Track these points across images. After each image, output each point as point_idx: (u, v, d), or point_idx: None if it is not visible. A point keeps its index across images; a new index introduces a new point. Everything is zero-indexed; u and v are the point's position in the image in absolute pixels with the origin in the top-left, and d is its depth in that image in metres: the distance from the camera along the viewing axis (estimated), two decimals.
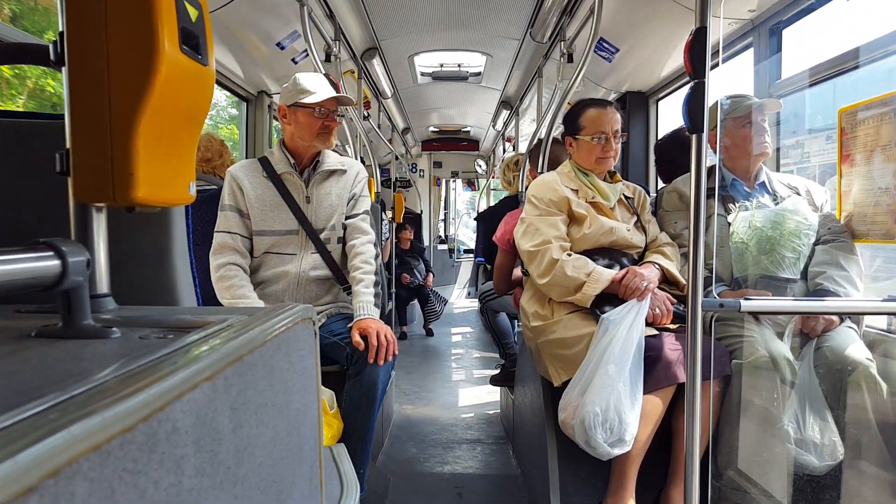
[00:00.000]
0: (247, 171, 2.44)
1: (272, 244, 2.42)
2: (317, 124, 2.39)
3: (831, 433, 1.92)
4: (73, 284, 0.66)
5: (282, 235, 2.42)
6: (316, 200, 2.47)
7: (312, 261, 2.46)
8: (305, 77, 2.43)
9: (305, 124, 2.39)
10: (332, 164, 2.51)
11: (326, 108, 2.40)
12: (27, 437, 0.34)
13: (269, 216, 2.41)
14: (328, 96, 2.37)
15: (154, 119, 0.68)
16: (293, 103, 2.39)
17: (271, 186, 2.42)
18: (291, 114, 2.41)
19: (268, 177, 2.43)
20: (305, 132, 2.40)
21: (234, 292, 2.28)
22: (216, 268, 2.32)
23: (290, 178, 2.44)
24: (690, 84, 1.51)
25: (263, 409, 0.67)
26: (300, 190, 2.45)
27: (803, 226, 2.11)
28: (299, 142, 2.43)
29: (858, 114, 1.97)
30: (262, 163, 2.46)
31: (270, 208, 2.41)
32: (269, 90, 4.57)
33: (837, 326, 2.04)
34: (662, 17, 3.20)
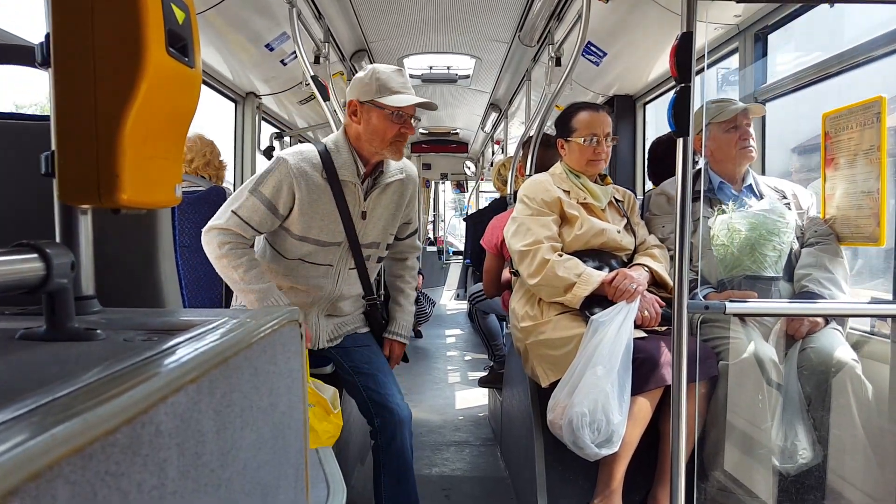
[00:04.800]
0: (307, 165, 2.06)
1: (310, 252, 2.14)
2: (392, 130, 2.04)
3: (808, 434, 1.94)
4: (58, 286, 0.65)
5: (325, 247, 2.14)
6: (370, 216, 2.18)
7: (349, 277, 2.23)
8: (387, 71, 2.06)
9: (379, 129, 2.05)
10: (394, 174, 2.21)
11: (406, 113, 2.05)
12: (8, 439, 0.34)
13: (317, 224, 2.10)
14: (415, 101, 2.03)
15: (140, 121, 0.68)
16: (369, 100, 2.04)
17: (328, 191, 2.08)
18: (364, 112, 2.06)
19: (327, 179, 2.08)
20: (377, 138, 2.06)
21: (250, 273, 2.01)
22: (220, 244, 2.01)
23: (351, 188, 2.12)
24: (676, 88, 1.52)
25: (248, 412, 0.67)
26: (358, 203, 2.14)
27: (781, 224, 2.13)
28: (366, 146, 2.10)
29: (842, 118, 2.00)
30: (324, 159, 2.09)
31: (322, 216, 2.09)
32: (258, 91, 4.56)
33: (822, 328, 2.06)
34: (650, 22, 3.22)
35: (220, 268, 2.02)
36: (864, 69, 2.29)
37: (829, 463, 1.93)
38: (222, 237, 1.99)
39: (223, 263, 2.00)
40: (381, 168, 2.18)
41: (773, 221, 2.14)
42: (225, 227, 2.00)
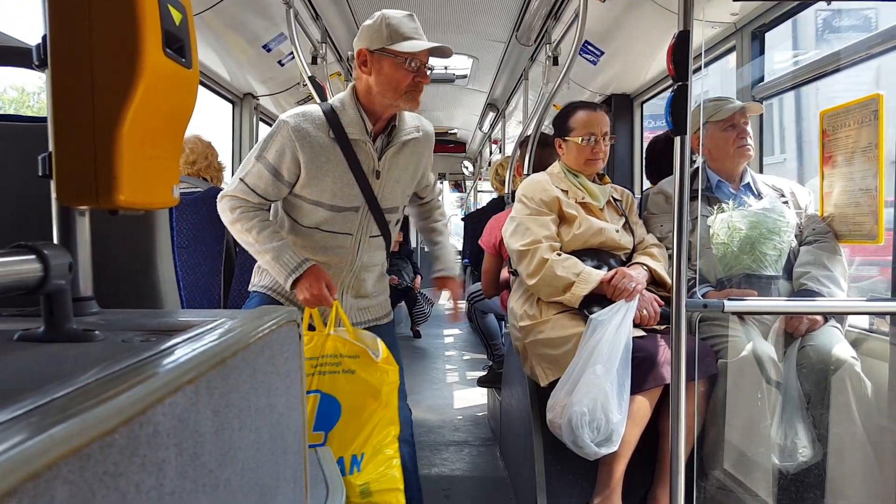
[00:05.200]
0: (310, 126, 1.93)
1: (325, 219, 2.01)
2: (406, 79, 1.89)
3: (808, 432, 1.94)
4: (56, 288, 0.65)
5: (341, 212, 2.00)
6: (386, 175, 2.03)
7: (372, 246, 2.10)
8: (398, 16, 1.91)
9: (392, 78, 1.89)
10: (410, 132, 2.06)
11: (419, 61, 1.90)
12: (6, 440, 0.34)
13: (329, 188, 1.96)
14: (429, 46, 1.88)
15: (137, 122, 0.68)
16: (379, 48, 1.89)
17: (337, 151, 1.95)
18: (374, 61, 1.90)
19: (334, 139, 1.94)
20: (389, 88, 1.91)
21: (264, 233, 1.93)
22: (231, 209, 1.95)
23: (362, 146, 1.97)
24: (674, 87, 1.52)
25: (246, 412, 0.67)
26: (371, 161, 1.99)
27: (781, 223, 2.14)
28: (378, 98, 1.94)
29: (839, 116, 2.00)
30: (329, 118, 1.95)
31: (333, 179, 1.96)
32: (256, 92, 4.56)
33: (822, 326, 2.06)
34: (647, 21, 3.22)
35: (235, 232, 1.97)
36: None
37: (828, 461, 1.93)
38: (232, 202, 1.95)
39: (237, 228, 1.95)
40: (394, 124, 2.03)
41: (773, 220, 2.14)
42: (233, 195, 1.95)
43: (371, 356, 1.86)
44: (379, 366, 1.87)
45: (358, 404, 1.83)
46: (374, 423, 1.84)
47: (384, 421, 1.85)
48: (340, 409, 1.83)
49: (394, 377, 1.89)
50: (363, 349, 1.87)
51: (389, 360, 1.90)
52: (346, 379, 1.85)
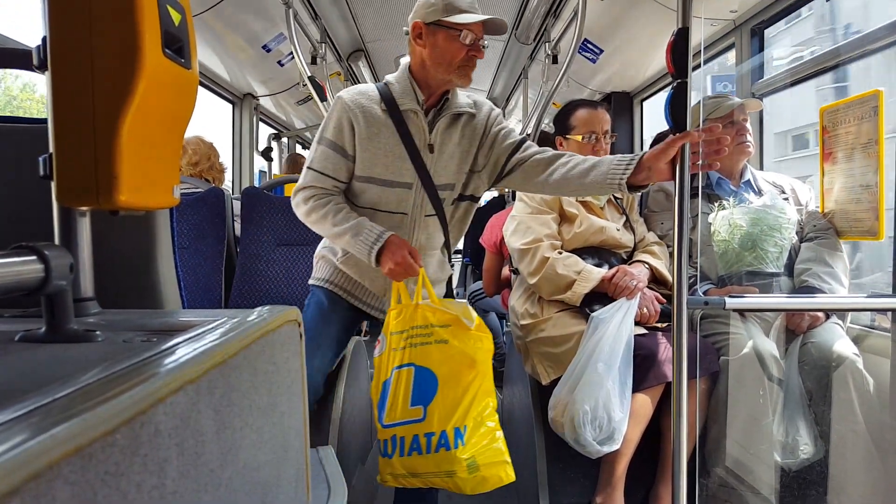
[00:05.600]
0: (364, 99, 1.94)
1: (379, 198, 1.97)
2: (461, 53, 1.87)
3: (810, 429, 1.94)
4: (57, 288, 0.66)
5: (393, 188, 1.96)
6: (439, 150, 1.98)
7: (428, 226, 2.03)
8: None
9: (446, 51, 1.87)
10: (462, 106, 2.01)
11: (474, 35, 1.87)
12: (8, 440, 0.34)
13: (381, 161, 1.93)
14: (483, 18, 1.86)
15: (137, 123, 0.68)
16: (435, 21, 1.87)
17: (390, 124, 1.93)
18: (429, 34, 1.89)
19: (387, 111, 1.94)
20: (443, 62, 1.89)
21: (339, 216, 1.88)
22: (304, 201, 1.93)
23: (413, 118, 1.95)
24: (673, 84, 1.52)
25: (248, 412, 0.67)
26: (423, 134, 1.96)
27: (783, 220, 2.14)
28: (432, 72, 1.92)
29: (839, 112, 2.00)
30: (382, 92, 1.96)
31: (385, 152, 1.93)
32: (255, 93, 4.57)
33: (823, 323, 2.06)
34: (646, 18, 3.22)
35: (312, 224, 1.94)
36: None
37: (830, 458, 1.93)
38: (305, 194, 1.93)
39: (313, 218, 1.92)
40: (447, 97, 1.99)
41: (774, 217, 2.14)
42: (304, 185, 1.94)
43: (464, 324, 1.79)
44: (472, 333, 1.80)
45: (454, 375, 1.76)
46: (473, 394, 1.76)
47: (482, 391, 1.78)
48: (437, 381, 1.76)
49: (489, 344, 1.81)
50: (455, 317, 1.80)
51: (482, 327, 1.82)
52: (440, 349, 1.78)
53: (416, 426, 1.74)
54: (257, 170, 4.95)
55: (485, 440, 1.75)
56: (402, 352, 1.80)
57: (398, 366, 1.79)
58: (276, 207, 3.05)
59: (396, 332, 1.82)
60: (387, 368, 1.81)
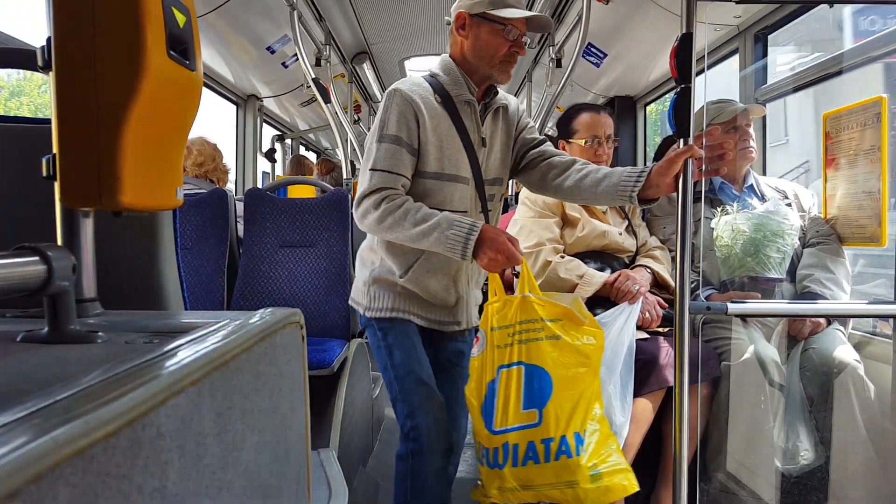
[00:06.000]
0: (420, 90, 1.82)
1: (445, 195, 1.83)
2: (503, 48, 1.80)
3: (811, 435, 1.94)
4: (59, 289, 0.66)
5: (456, 183, 1.84)
6: (489, 143, 1.91)
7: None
8: None
9: (489, 45, 1.80)
10: (500, 100, 1.94)
11: (518, 31, 1.80)
12: (9, 441, 0.34)
13: (445, 155, 1.81)
14: (529, 14, 1.79)
15: (141, 124, 0.68)
16: (480, 13, 1.79)
17: (446, 116, 1.83)
18: (473, 26, 1.81)
19: (442, 103, 1.83)
20: (485, 55, 1.81)
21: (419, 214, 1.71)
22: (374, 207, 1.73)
23: (466, 110, 1.86)
24: (676, 89, 1.52)
25: (249, 414, 0.67)
26: (476, 127, 1.87)
27: (785, 226, 2.13)
28: (474, 65, 1.84)
29: (842, 118, 2.00)
30: (433, 84, 1.85)
31: (446, 145, 1.82)
32: (260, 94, 4.57)
33: (825, 329, 2.06)
34: (650, 23, 3.22)
35: (386, 230, 1.74)
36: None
37: (831, 464, 1.93)
38: (373, 199, 1.73)
39: (388, 223, 1.72)
40: (494, 89, 1.92)
41: (777, 223, 2.14)
42: (370, 190, 1.74)
43: (577, 318, 1.64)
44: (585, 328, 1.65)
45: (569, 374, 1.61)
46: (589, 396, 1.62)
47: (595, 393, 1.65)
48: (551, 380, 1.60)
49: (601, 341, 1.67)
50: (567, 310, 1.65)
51: (594, 322, 1.70)
52: (553, 346, 1.62)
53: (531, 431, 1.59)
54: (260, 171, 4.95)
55: (603, 447, 1.62)
56: (508, 349, 1.64)
57: (505, 364, 1.64)
58: (279, 209, 3.05)
59: (500, 327, 1.67)
60: (490, 368, 1.66)
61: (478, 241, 1.67)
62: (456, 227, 1.68)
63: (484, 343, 1.68)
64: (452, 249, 1.68)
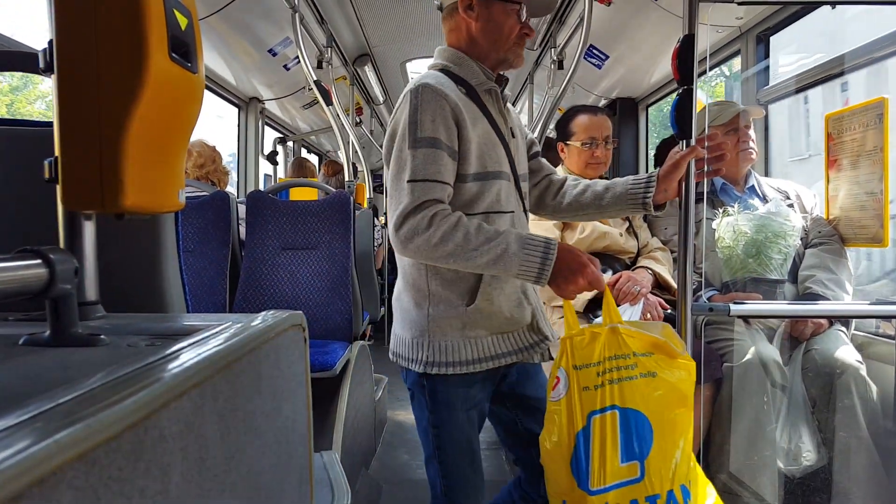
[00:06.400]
0: (447, 83, 1.54)
1: (492, 199, 1.56)
2: (516, 28, 1.59)
3: (813, 436, 1.94)
4: (61, 292, 0.66)
5: (501, 180, 1.58)
6: (517, 134, 1.70)
7: (524, 226, 1.69)
8: None
9: (503, 25, 1.58)
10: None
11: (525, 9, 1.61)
12: (12, 445, 0.34)
13: (487, 151, 1.56)
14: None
15: (143, 127, 0.68)
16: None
17: (474, 107, 1.57)
18: (482, 5, 1.58)
19: (466, 94, 1.58)
20: (500, 37, 1.59)
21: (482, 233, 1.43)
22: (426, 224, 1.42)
23: (489, 100, 1.63)
24: (678, 91, 1.52)
25: (252, 417, 0.67)
26: (501, 117, 1.64)
27: (787, 227, 2.13)
28: (485, 49, 1.61)
29: (844, 119, 1.99)
30: (450, 76, 1.59)
31: (485, 139, 1.56)
32: (261, 96, 4.58)
33: (827, 329, 2.05)
34: (652, 25, 3.22)
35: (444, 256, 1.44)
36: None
37: (834, 465, 1.92)
38: (419, 217, 1.43)
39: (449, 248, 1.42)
40: (505, 77, 1.69)
41: (779, 224, 2.14)
42: (414, 204, 1.43)
43: (672, 349, 1.43)
44: (680, 362, 1.44)
45: (668, 417, 1.40)
46: (688, 440, 1.42)
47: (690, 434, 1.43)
48: (650, 426, 1.39)
49: (693, 374, 1.45)
50: (659, 341, 1.44)
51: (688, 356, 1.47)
52: (648, 385, 1.40)
53: (634, 488, 1.37)
54: (262, 173, 4.96)
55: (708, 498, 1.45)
56: (599, 391, 1.40)
57: (597, 410, 1.40)
58: (281, 211, 3.05)
59: (585, 365, 1.43)
60: (579, 414, 1.41)
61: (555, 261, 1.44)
62: (530, 247, 1.44)
63: (566, 384, 1.44)
64: (527, 271, 1.43)
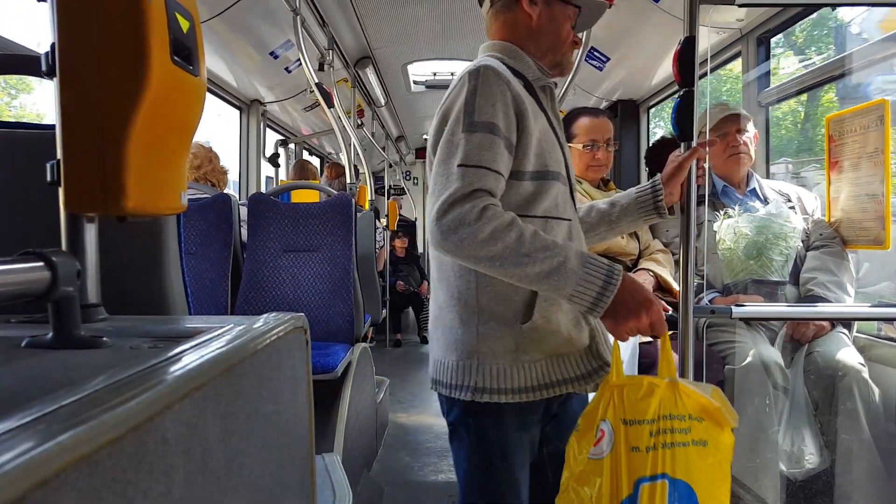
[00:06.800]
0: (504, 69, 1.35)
1: (550, 203, 1.38)
2: (571, 35, 1.48)
3: (815, 439, 1.93)
4: (64, 294, 0.66)
5: (559, 182, 1.40)
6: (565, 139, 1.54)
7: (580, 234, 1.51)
8: None
9: (562, 28, 1.45)
10: None
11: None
12: (15, 447, 0.35)
13: (547, 149, 1.39)
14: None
15: (145, 129, 0.68)
16: None
17: (533, 101, 1.40)
18: (544, 2, 1.44)
19: (524, 86, 1.41)
20: (558, 39, 1.46)
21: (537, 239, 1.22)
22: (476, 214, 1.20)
23: (545, 99, 1.48)
24: (680, 92, 1.52)
25: (254, 419, 0.67)
26: (556, 118, 1.50)
27: (787, 228, 2.13)
28: (543, 49, 1.47)
29: (845, 121, 1.99)
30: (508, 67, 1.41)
31: (544, 136, 1.39)
32: (263, 99, 4.58)
33: (828, 332, 2.05)
34: (653, 27, 3.22)
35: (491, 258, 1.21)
36: None
37: (836, 467, 1.92)
38: (467, 207, 1.21)
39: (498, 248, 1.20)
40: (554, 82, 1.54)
41: (779, 225, 2.14)
42: (465, 191, 1.22)
43: (723, 417, 1.24)
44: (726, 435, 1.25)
45: (716, 494, 1.23)
46: None
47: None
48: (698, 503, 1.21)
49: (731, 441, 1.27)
50: (711, 406, 1.24)
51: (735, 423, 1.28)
52: (699, 454, 1.22)
53: None
54: (264, 176, 4.97)
55: None
56: (649, 454, 1.21)
57: (647, 477, 1.20)
58: (283, 213, 3.05)
59: (636, 421, 1.23)
60: (625, 479, 1.21)
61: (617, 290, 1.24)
62: (591, 266, 1.23)
63: (610, 440, 1.23)
64: (582, 294, 1.22)
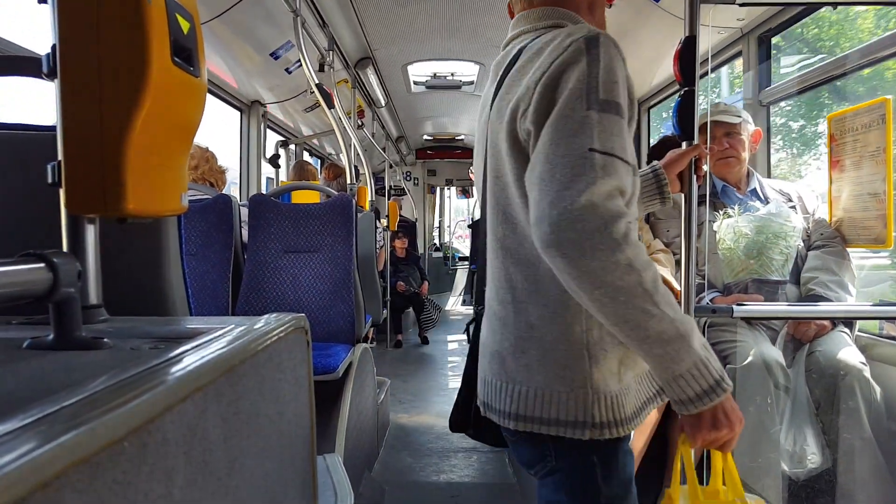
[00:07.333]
0: None
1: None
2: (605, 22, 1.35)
3: (817, 438, 1.93)
4: (64, 296, 0.66)
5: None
6: None
7: None
8: None
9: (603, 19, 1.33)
10: None
11: None
12: (16, 448, 0.35)
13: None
14: None
15: (146, 131, 0.68)
16: None
17: None
18: None
19: None
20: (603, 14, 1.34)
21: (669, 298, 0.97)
22: (623, 233, 0.92)
23: None
24: (680, 92, 1.52)
25: (255, 420, 0.67)
26: None
27: (787, 228, 2.13)
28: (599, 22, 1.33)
29: (847, 120, 1.99)
30: None
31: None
32: (263, 100, 4.58)
33: (830, 331, 2.05)
34: (653, 27, 3.22)
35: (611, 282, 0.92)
36: None
37: (838, 467, 1.92)
38: (612, 213, 0.92)
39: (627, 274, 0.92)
40: None
41: (779, 225, 2.14)
42: (608, 189, 0.93)
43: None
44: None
45: None
46: None
47: None
48: None
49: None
50: None
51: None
52: None
53: None
54: (265, 177, 4.97)
55: None
56: None
57: None
58: (284, 214, 3.05)
59: None
60: None
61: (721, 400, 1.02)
62: (711, 355, 1.02)
63: None
64: (688, 382, 0.98)
